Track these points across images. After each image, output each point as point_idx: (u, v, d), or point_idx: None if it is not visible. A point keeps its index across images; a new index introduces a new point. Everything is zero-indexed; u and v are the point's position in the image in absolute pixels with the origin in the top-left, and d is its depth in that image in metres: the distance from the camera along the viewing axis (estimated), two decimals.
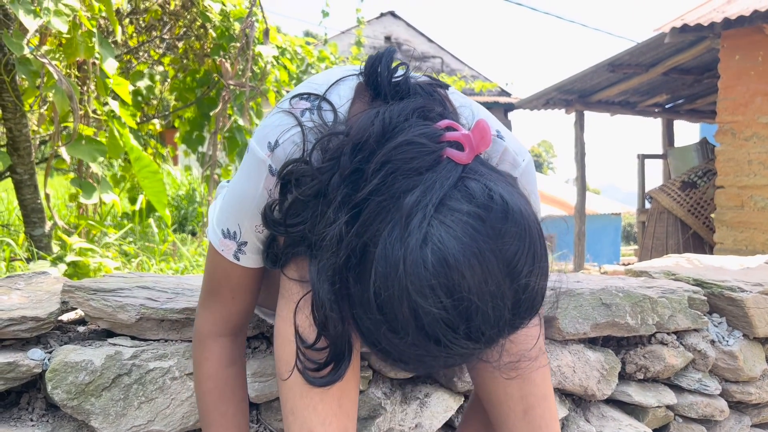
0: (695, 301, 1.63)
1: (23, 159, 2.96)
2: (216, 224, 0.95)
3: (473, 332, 0.68)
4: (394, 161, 0.71)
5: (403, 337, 0.69)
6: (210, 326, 1.00)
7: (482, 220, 0.67)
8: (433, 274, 0.65)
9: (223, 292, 0.98)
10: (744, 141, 5.01)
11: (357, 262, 0.72)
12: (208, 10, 4.76)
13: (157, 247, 4.08)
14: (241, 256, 0.93)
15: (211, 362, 1.00)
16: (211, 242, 0.95)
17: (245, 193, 0.89)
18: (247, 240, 0.92)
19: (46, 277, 1.27)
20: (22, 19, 2.56)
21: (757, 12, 4.43)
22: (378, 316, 0.69)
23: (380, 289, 0.68)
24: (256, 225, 0.90)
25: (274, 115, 0.88)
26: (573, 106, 7.28)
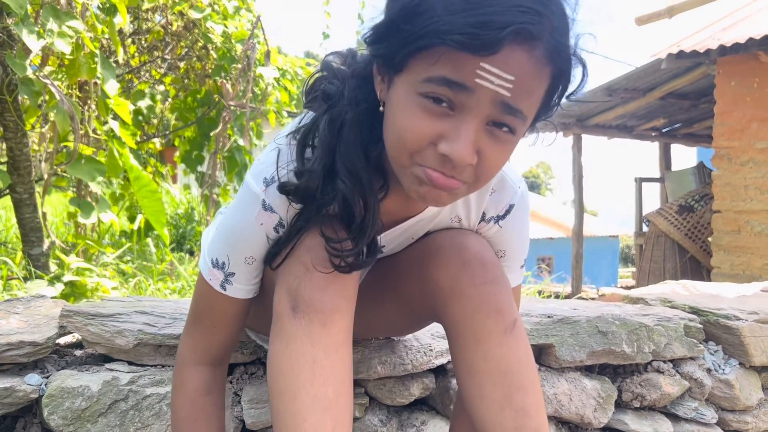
0: (691, 329, 1.63)
1: (23, 178, 2.97)
2: (207, 253, 0.97)
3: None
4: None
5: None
6: (191, 353, 1.01)
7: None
8: None
9: (206, 322, 1.00)
10: (740, 166, 5.05)
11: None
12: (210, 32, 4.81)
13: (155, 266, 4.07)
14: (227, 286, 0.95)
15: (188, 389, 1.00)
16: (201, 270, 0.97)
17: (237, 226, 0.92)
18: (235, 271, 0.94)
19: (45, 301, 1.27)
20: (26, 40, 2.59)
21: (752, 39, 4.49)
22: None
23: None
24: (245, 257, 0.93)
25: (271, 152, 0.90)
26: (571, 130, 7.33)
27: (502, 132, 0.78)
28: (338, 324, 0.87)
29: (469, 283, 0.95)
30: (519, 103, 0.75)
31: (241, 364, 1.25)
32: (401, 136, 0.78)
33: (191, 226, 6.50)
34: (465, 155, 0.75)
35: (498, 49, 0.71)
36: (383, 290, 1.10)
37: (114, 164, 3.35)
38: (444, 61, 0.73)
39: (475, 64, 0.73)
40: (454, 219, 1.03)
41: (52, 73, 3.31)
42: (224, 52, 4.90)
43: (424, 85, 0.75)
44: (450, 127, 0.76)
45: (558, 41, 0.75)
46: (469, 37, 0.71)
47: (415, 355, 1.29)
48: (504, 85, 0.74)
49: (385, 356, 1.26)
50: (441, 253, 0.98)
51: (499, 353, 0.93)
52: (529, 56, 0.73)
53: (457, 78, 0.74)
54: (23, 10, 2.57)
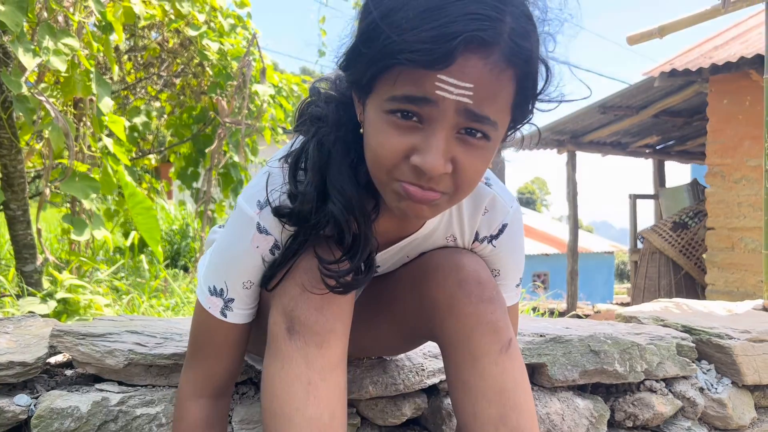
0: (684, 348, 1.63)
1: (17, 195, 2.97)
2: (203, 281, 0.96)
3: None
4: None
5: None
6: (191, 387, 0.99)
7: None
8: None
9: (207, 351, 0.98)
10: (733, 183, 5.08)
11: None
12: (206, 49, 4.83)
13: (149, 283, 4.06)
14: (228, 312, 0.94)
15: (186, 423, 0.98)
16: (199, 299, 0.96)
17: (233, 250, 0.92)
18: (234, 297, 0.93)
19: (35, 320, 1.27)
20: (21, 58, 2.60)
21: (743, 58, 4.53)
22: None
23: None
24: (243, 281, 0.92)
25: (263, 175, 0.91)
26: (565, 147, 7.36)
27: (476, 139, 0.79)
28: (334, 346, 0.87)
29: (466, 301, 0.95)
30: (484, 108, 0.76)
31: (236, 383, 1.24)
32: (376, 153, 0.80)
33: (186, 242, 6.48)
34: (437, 165, 0.76)
35: (452, 60, 0.72)
36: (377, 309, 1.10)
37: (108, 181, 3.35)
38: (403, 79, 0.75)
39: (432, 77, 0.74)
40: (449, 238, 1.03)
41: (47, 90, 3.32)
42: (220, 69, 4.93)
43: (390, 103, 0.77)
44: (420, 139, 0.77)
45: (517, 44, 0.75)
46: (422, 54, 0.72)
47: (407, 375, 1.28)
48: (464, 93, 0.74)
49: (376, 376, 1.26)
50: (438, 272, 0.99)
51: (494, 372, 0.94)
52: (486, 62, 0.74)
53: (418, 93, 0.75)
54: (19, 28, 2.58)
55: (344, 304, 0.90)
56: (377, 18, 0.75)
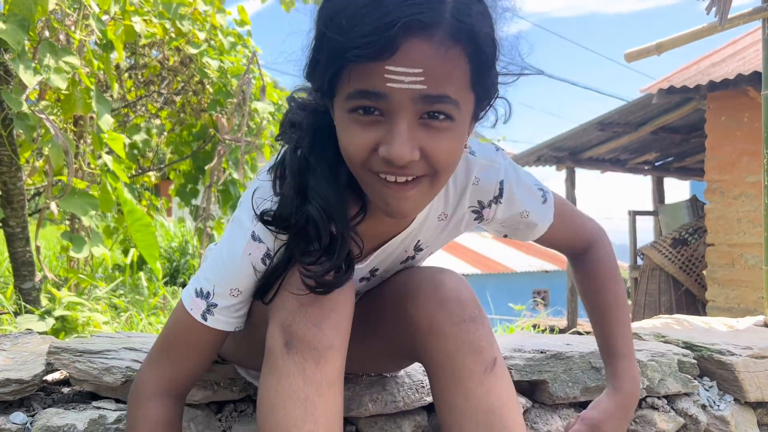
0: (685, 365, 1.62)
1: (16, 212, 2.97)
2: (191, 283, 0.96)
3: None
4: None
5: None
6: (154, 385, 0.97)
7: None
8: None
9: (178, 351, 0.97)
10: (733, 199, 5.08)
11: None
12: (206, 67, 4.86)
13: (147, 300, 4.05)
14: (208, 316, 0.93)
15: (150, 423, 0.95)
16: (182, 300, 0.95)
17: (225, 255, 0.92)
18: (218, 302, 0.92)
19: (33, 337, 1.26)
20: (22, 76, 2.61)
21: (741, 75, 4.56)
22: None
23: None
24: (231, 288, 0.92)
25: (253, 186, 0.93)
26: (564, 164, 7.38)
27: (439, 122, 0.79)
28: (332, 361, 0.86)
29: (447, 321, 0.95)
30: (439, 89, 0.77)
31: (231, 401, 1.23)
32: (346, 151, 0.83)
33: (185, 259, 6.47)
34: (402, 153, 0.78)
35: (395, 48, 0.74)
36: (367, 328, 1.09)
37: (107, 198, 3.35)
38: (354, 76, 0.77)
39: (381, 70, 0.75)
40: (441, 217, 1.04)
41: (48, 108, 3.33)
42: (220, 87, 4.95)
43: (349, 102, 0.79)
44: (384, 131, 0.79)
45: (460, 21, 0.76)
46: (365, 47, 0.74)
47: (407, 392, 1.27)
48: (415, 80, 0.75)
49: (376, 393, 1.25)
50: (419, 291, 0.98)
51: (479, 393, 0.93)
52: (430, 44, 0.75)
53: (370, 88, 0.77)
54: (20, 46, 2.59)
55: (343, 320, 0.89)
56: (322, 25, 0.78)
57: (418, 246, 1.06)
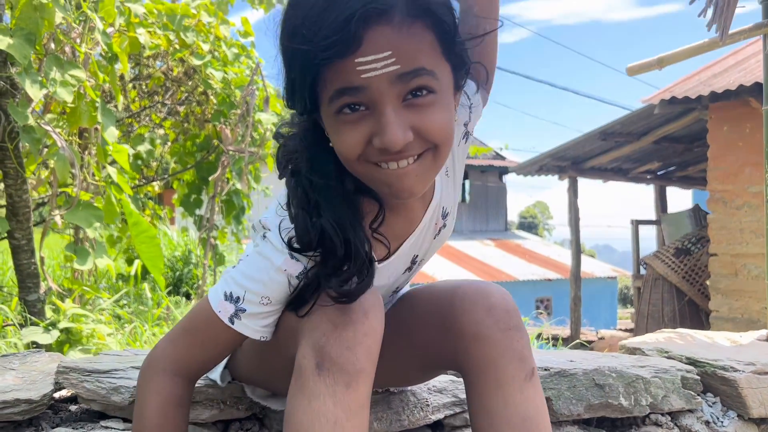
0: (689, 381, 1.63)
1: (22, 224, 2.98)
2: (220, 285, 0.96)
3: None
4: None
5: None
6: (170, 362, 0.99)
7: None
8: None
9: (197, 341, 0.99)
10: (735, 210, 5.09)
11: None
12: (210, 78, 4.88)
13: (151, 311, 4.06)
14: (236, 320, 0.94)
15: (162, 397, 0.97)
16: (209, 300, 0.96)
17: (260, 265, 0.93)
18: (247, 308, 0.94)
19: (41, 355, 1.27)
20: (28, 89, 2.63)
21: (742, 86, 4.57)
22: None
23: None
24: (262, 296, 0.93)
25: (278, 221, 0.95)
26: (566, 173, 7.40)
27: (423, 97, 0.81)
28: (362, 386, 0.87)
29: (494, 328, 0.97)
30: (412, 64, 0.79)
31: (237, 420, 1.24)
32: (342, 153, 0.85)
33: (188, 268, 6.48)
34: (396, 139, 0.80)
35: (360, 41, 0.76)
36: (397, 339, 1.10)
37: (111, 210, 3.37)
38: (330, 78, 0.79)
39: (351, 64, 0.78)
40: (448, 172, 1.06)
41: (53, 121, 3.35)
42: (224, 98, 4.97)
43: (333, 105, 0.82)
44: (373, 122, 0.81)
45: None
46: (331, 47, 0.76)
47: (412, 411, 1.28)
48: (386, 63, 0.78)
49: (381, 412, 1.26)
50: (465, 300, 1.00)
51: (518, 399, 0.95)
52: (391, 27, 0.77)
53: (348, 84, 0.79)
54: (27, 60, 2.62)
55: (374, 345, 0.90)
56: (286, 42, 0.81)
57: (444, 212, 1.09)
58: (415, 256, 1.08)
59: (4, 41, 2.55)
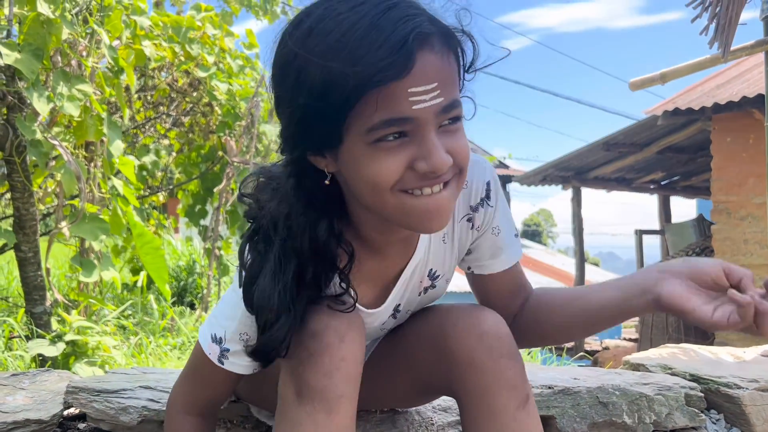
0: (692, 398, 1.63)
1: (28, 237, 3.00)
2: (207, 327, 1.00)
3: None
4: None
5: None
6: (183, 403, 1.05)
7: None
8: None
9: (198, 380, 1.04)
10: (739, 221, 5.09)
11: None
12: (214, 90, 4.92)
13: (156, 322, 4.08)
14: (225, 360, 0.97)
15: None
16: (200, 342, 1.00)
17: (235, 302, 0.95)
18: (230, 347, 0.96)
19: (50, 375, 1.29)
20: (36, 104, 2.65)
21: (745, 98, 4.59)
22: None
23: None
24: (240, 333, 0.95)
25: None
26: (570, 183, 7.41)
27: (453, 125, 0.83)
28: (343, 411, 0.88)
29: (486, 356, 0.97)
30: (450, 96, 0.81)
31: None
32: (375, 182, 0.81)
33: (192, 278, 6.50)
34: (443, 162, 0.80)
35: (413, 63, 0.76)
36: (394, 362, 1.11)
37: (117, 222, 3.39)
38: (377, 106, 0.76)
39: (403, 91, 0.76)
40: (444, 238, 1.05)
41: (60, 134, 3.38)
42: (228, 109, 5.00)
43: (372, 134, 0.79)
44: (416, 148, 0.80)
45: (442, 26, 0.81)
46: (389, 67, 0.74)
47: (417, 430, 1.29)
48: (434, 96, 0.78)
49: (385, 430, 1.27)
50: (457, 326, 1.00)
51: (512, 427, 0.95)
52: (434, 54, 0.79)
53: (397, 115, 0.77)
54: (35, 75, 2.65)
55: (353, 368, 0.91)
56: (322, 64, 0.76)
57: (434, 274, 1.08)
58: (397, 305, 1.07)
59: (12, 56, 2.58)
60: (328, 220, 0.89)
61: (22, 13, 2.80)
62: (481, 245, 1.08)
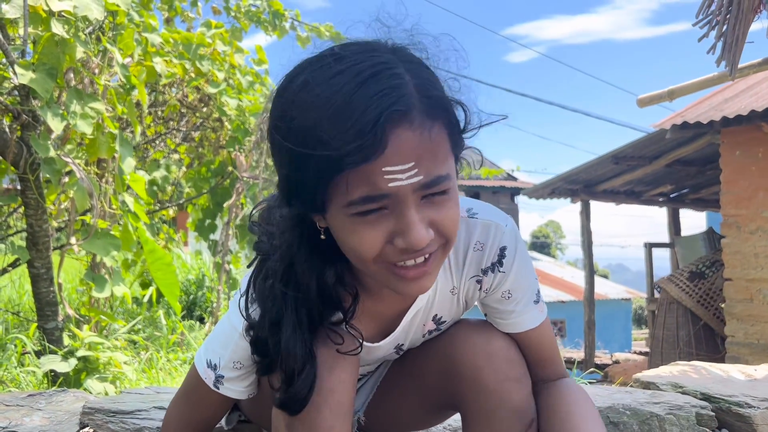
0: (703, 417, 1.63)
1: (41, 253, 3.04)
2: (203, 352, 1.02)
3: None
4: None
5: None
6: (174, 424, 1.08)
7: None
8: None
9: (193, 401, 1.06)
10: (749, 234, 5.06)
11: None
12: (224, 105, 4.96)
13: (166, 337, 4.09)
14: (220, 386, 1.00)
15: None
16: (196, 365, 1.02)
17: (226, 330, 0.98)
18: (224, 374, 0.98)
19: (66, 395, 1.31)
20: (50, 122, 2.69)
21: (754, 111, 4.58)
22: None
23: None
24: (234, 362, 0.97)
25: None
26: (578, 196, 7.40)
27: (439, 196, 0.80)
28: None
29: (493, 378, 0.97)
30: (434, 173, 0.77)
31: None
32: (357, 252, 0.81)
33: (202, 292, 6.52)
34: (422, 239, 0.78)
35: (386, 144, 0.73)
36: (404, 382, 1.12)
37: (128, 238, 3.42)
38: (353, 184, 0.75)
39: (378, 171, 0.75)
40: (453, 291, 1.03)
41: (72, 151, 3.42)
42: (238, 125, 5.04)
43: (351, 208, 0.78)
44: (394, 223, 0.78)
45: (429, 97, 0.78)
46: (358, 151, 0.72)
47: None
48: (410, 174, 0.75)
49: None
50: (467, 343, 1.01)
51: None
52: (412, 131, 0.75)
53: (374, 192, 0.76)
54: (48, 94, 2.69)
55: (343, 399, 0.92)
56: (294, 146, 0.76)
57: (439, 320, 1.07)
58: (400, 344, 1.08)
59: (27, 76, 2.62)
60: (333, 266, 0.89)
61: (37, 33, 2.85)
62: (490, 304, 1.05)
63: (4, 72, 2.89)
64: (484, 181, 14.98)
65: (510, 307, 1.02)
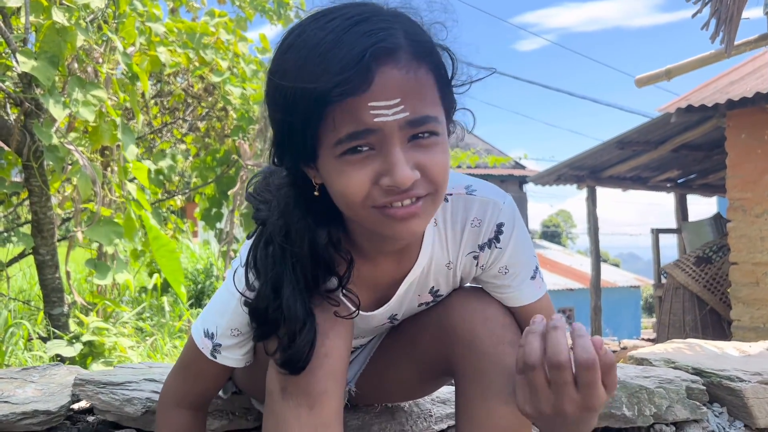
0: (694, 391, 1.64)
1: (46, 240, 3.08)
2: (200, 322, 1.03)
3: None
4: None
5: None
6: (172, 397, 1.08)
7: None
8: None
9: (191, 374, 1.07)
10: (755, 218, 5.04)
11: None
12: (229, 94, 4.98)
13: (171, 323, 4.14)
14: (217, 355, 1.01)
15: (173, 428, 1.07)
16: (193, 337, 1.03)
17: (224, 298, 0.99)
18: (222, 342, 1.00)
19: (59, 368, 1.33)
20: (52, 110, 2.72)
21: (759, 93, 4.55)
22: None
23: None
24: (231, 329, 0.99)
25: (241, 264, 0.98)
26: (584, 182, 7.37)
27: (426, 139, 0.81)
28: (327, 406, 0.91)
29: (487, 341, 0.99)
30: (420, 111, 0.79)
31: (246, 430, 1.29)
32: (344, 195, 0.83)
33: (210, 281, 6.57)
34: (406, 176, 0.79)
35: (372, 79, 0.76)
36: (399, 349, 1.14)
37: (131, 226, 3.45)
38: (339, 121, 0.78)
39: (364, 106, 0.77)
40: (449, 265, 1.05)
41: (76, 140, 3.45)
42: (243, 114, 5.07)
43: (338, 148, 0.80)
44: (380, 162, 0.80)
45: (416, 40, 0.81)
46: (345, 83, 0.75)
47: (415, 421, 1.32)
48: (397, 110, 0.78)
49: (385, 422, 1.29)
50: (463, 307, 1.03)
51: (503, 412, 0.97)
52: (399, 68, 0.78)
53: (360, 127, 0.78)
54: (51, 82, 2.71)
55: (337, 364, 0.94)
56: (289, 81, 0.79)
57: (435, 292, 1.08)
58: (394, 314, 1.10)
59: (29, 64, 2.65)
60: (326, 228, 0.91)
61: (38, 22, 2.88)
62: (487, 279, 1.06)
63: (6, 60, 2.92)
64: (492, 170, 14.95)
65: (506, 282, 1.04)
